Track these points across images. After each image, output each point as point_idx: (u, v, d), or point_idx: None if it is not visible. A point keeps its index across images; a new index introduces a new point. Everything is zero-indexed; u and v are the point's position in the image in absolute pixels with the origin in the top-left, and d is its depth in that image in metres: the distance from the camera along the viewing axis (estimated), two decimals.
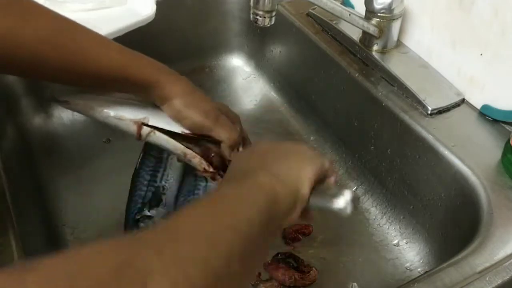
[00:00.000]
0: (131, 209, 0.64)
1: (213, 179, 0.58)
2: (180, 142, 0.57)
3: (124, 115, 0.56)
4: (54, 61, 0.48)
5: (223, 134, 0.57)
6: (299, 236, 0.68)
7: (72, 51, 0.49)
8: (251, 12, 0.62)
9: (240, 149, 0.59)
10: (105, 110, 0.56)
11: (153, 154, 0.69)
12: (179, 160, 0.63)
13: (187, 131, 0.57)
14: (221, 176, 0.58)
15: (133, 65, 0.53)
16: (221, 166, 0.58)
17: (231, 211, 0.38)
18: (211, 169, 0.58)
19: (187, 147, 0.57)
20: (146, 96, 0.55)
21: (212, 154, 0.58)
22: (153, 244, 0.31)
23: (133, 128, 0.56)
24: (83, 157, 0.78)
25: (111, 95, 0.58)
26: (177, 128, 0.57)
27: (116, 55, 0.52)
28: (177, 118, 0.56)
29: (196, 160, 0.58)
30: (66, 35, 0.50)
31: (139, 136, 0.57)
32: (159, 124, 0.57)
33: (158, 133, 0.57)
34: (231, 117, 0.60)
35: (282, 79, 0.91)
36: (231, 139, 0.58)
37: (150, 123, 0.56)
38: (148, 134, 0.57)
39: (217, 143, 0.58)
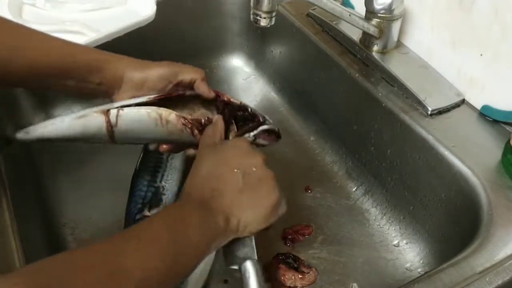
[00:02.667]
0: (131, 209, 0.64)
1: (194, 129, 0.56)
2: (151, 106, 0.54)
3: (87, 111, 0.53)
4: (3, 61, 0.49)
5: (191, 71, 0.58)
6: (299, 237, 0.68)
7: (20, 47, 0.50)
8: (251, 12, 0.62)
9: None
10: (66, 119, 0.53)
11: (153, 155, 0.69)
12: (159, 133, 0.56)
13: (153, 96, 0.55)
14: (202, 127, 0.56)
15: (81, 51, 0.54)
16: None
17: (183, 236, 0.42)
18: (189, 118, 0.56)
19: (158, 108, 0.54)
20: (98, 82, 0.54)
21: (200, 121, 0.57)
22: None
23: (100, 119, 0.52)
24: (83, 157, 0.78)
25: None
26: (142, 98, 0.55)
27: (63, 45, 0.54)
28: (138, 84, 0.55)
29: (173, 116, 0.54)
30: (5, 33, 0.51)
31: (109, 124, 0.53)
32: (124, 103, 0.54)
33: (126, 109, 0.53)
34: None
35: (282, 80, 0.91)
36: (199, 72, 0.58)
37: (115, 106, 0.53)
38: (117, 116, 0.53)
39: (191, 106, 0.57)
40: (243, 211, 0.46)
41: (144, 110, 0.54)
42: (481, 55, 0.62)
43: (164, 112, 0.54)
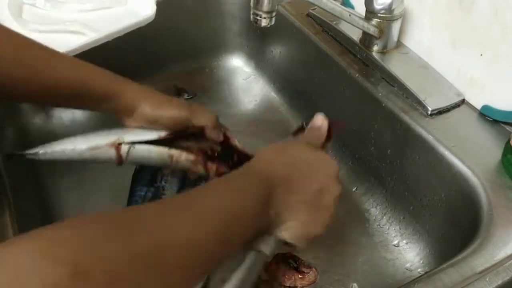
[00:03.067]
0: None
1: (206, 168, 0.57)
2: (162, 147, 0.56)
3: (98, 143, 0.55)
4: (12, 77, 0.48)
5: (202, 118, 0.57)
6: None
7: (30, 66, 0.50)
8: (251, 12, 0.62)
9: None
10: (77, 147, 0.55)
11: None
12: (167, 168, 0.62)
13: (164, 134, 0.56)
14: (214, 163, 0.58)
15: (94, 77, 0.53)
16: (216, 158, 0.59)
17: (233, 200, 0.40)
18: (199, 157, 0.57)
19: (170, 149, 0.56)
20: (110, 108, 0.54)
21: (206, 151, 0.58)
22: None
23: (111, 152, 0.54)
24: None
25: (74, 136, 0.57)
26: (154, 135, 0.56)
27: (74, 68, 0.52)
28: (150, 121, 0.55)
29: (183, 156, 0.56)
30: (25, 52, 0.50)
31: (119, 158, 0.55)
32: (135, 138, 0.55)
33: (137, 146, 0.55)
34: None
35: (282, 80, 0.91)
36: (212, 121, 0.57)
37: (126, 141, 0.55)
38: (128, 152, 0.55)
39: (198, 135, 0.57)
40: (293, 214, 0.44)
41: (155, 150, 0.56)
42: (481, 55, 0.62)
43: (175, 153, 0.56)
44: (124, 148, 0.54)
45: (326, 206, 0.46)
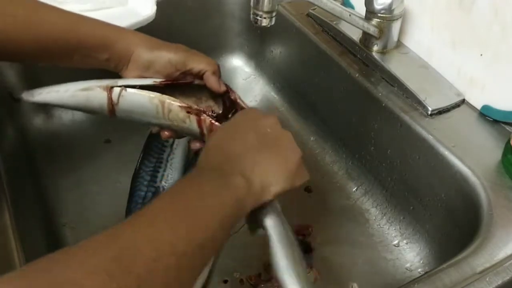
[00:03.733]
0: (131, 209, 0.64)
1: (199, 121, 0.53)
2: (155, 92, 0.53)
3: (91, 85, 0.53)
4: (1, 32, 0.47)
5: (201, 62, 0.54)
6: (298, 237, 0.68)
7: (20, 20, 0.49)
8: (251, 12, 0.61)
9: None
10: (70, 88, 0.53)
11: (153, 155, 0.69)
12: (159, 118, 0.56)
13: (159, 80, 0.54)
14: (208, 116, 0.54)
15: (86, 25, 0.52)
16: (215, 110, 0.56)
17: (198, 205, 0.37)
18: (194, 106, 0.54)
19: (162, 95, 0.53)
20: (105, 58, 0.53)
21: (204, 105, 0.56)
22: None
23: (103, 95, 0.53)
24: (83, 157, 0.78)
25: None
26: (149, 81, 0.54)
27: (65, 18, 0.52)
28: (145, 65, 0.53)
29: (176, 104, 0.53)
30: (12, 5, 0.49)
31: (111, 101, 0.53)
32: (129, 82, 0.54)
33: (129, 90, 0.53)
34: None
35: (282, 80, 0.91)
36: (212, 66, 0.54)
37: (119, 84, 0.53)
38: (119, 95, 0.52)
39: (198, 94, 0.55)
40: (264, 171, 0.42)
41: (147, 94, 0.53)
42: (481, 55, 0.62)
43: (167, 100, 0.53)
44: (115, 91, 0.53)
45: (276, 136, 0.45)
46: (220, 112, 0.57)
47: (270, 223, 0.42)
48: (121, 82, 0.53)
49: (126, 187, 0.66)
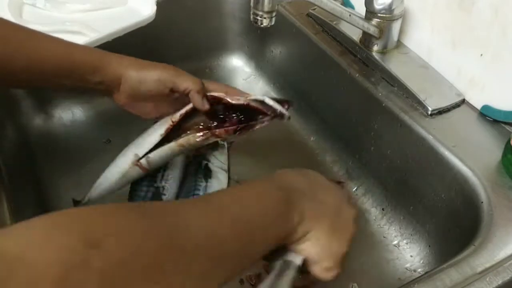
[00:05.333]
0: None
1: (216, 135, 0.61)
2: (169, 143, 0.61)
3: (123, 168, 0.62)
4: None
5: (186, 81, 0.57)
6: None
7: (12, 45, 0.50)
8: (251, 12, 0.61)
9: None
10: (112, 179, 0.63)
11: None
12: (188, 152, 0.69)
13: (163, 131, 0.60)
14: (215, 127, 0.61)
15: (78, 51, 0.54)
16: (209, 121, 0.62)
17: (256, 215, 0.39)
18: (204, 129, 0.61)
19: (177, 140, 0.61)
20: (98, 81, 0.55)
21: (200, 125, 0.62)
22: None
23: (136, 169, 0.62)
24: (83, 157, 0.78)
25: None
26: (156, 137, 0.61)
27: (63, 45, 0.53)
28: (136, 85, 0.56)
29: (191, 139, 0.61)
30: (6, 32, 0.51)
31: (145, 170, 0.62)
32: (144, 147, 0.61)
33: (151, 155, 0.61)
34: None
35: (282, 80, 0.91)
36: (196, 83, 0.58)
37: (140, 155, 0.61)
38: (148, 162, 0.62)
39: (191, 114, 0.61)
40: (318, 226, 0.43)
41: (166, 148, 0.61)
42: (481, 55, 0.62)
43: (184, 141, 0.61)
44: (143, 162, 0.61)
45: (346, 223, 0.46)
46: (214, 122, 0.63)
47: (277, 267, 0.44)
48: (139, 151, 0.61)
49: (126, 187, 0.66)
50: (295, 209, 0.42)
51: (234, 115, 0.61)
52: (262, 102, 0.60)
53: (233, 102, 0.60)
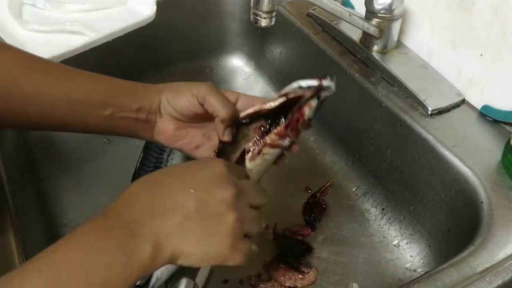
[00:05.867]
0: None
1: (266, 144, 0.51)
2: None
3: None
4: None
5: (217, 102, 0.49)
6: (298, 237, 0.68)
7: (55, 83, 0.48)
8: (251, 12, 0.61)
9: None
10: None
11: (153, 155, 0.69)
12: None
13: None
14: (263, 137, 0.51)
15: (117, 81, 0.51)
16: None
17: (95, 272, 0.35)
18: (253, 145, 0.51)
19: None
20: (138, 104, 0.50)
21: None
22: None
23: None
24: (83, 157, 0.78)
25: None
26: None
27: (100, 78, 0.51)
28: (173, 100, 0.51)
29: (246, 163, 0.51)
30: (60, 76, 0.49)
31: None
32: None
33: None
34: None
35: (282, 80, 0.91)
36: (226, 111, 0.49)
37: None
38: None
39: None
40: (184, 241, 0.37)
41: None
42: (481, 55, 0.62)
43: (260, 160, 0.51)
44: None
45: (219, 212, 0.39)
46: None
47: (181, 282, 0.43)
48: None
49: (126, 187, 0.66)
50: (143, 242, 0.36)
51: (278, 120, 0.52)
52: (299, 88, 0.51)
53: (273, 105, 0.51)
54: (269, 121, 0.52)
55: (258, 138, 0.51)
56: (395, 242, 0.68)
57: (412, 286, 0.46)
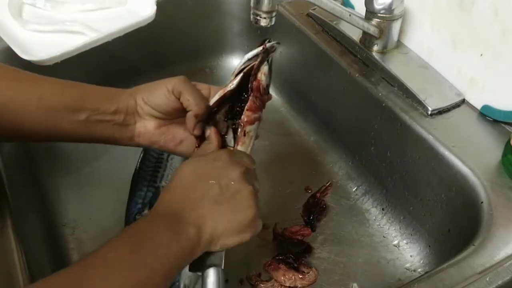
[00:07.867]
0: (131, 209, 0.64)
1: (242, 122, 0.53)
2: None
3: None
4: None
5: (191, 96, 0.51)
6: (298, 237, 0.68)
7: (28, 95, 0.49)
8: (251, 12, 0.61)
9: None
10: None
11: (153, 155, 0.69)
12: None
13: None
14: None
15: (90, 86, 0.52)
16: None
17: (148, 257, 0.40)
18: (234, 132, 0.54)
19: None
20: (114, 106, 0.51)
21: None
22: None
23: None
24: (83, 157, 0.78)
25: None
26: None
27: (73, 83, 0.52)
28: (149, 99, 0.52)
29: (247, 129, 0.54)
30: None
31: None
32: None
33: None
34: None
35: (282, 80, 0.91)
36: (199, 106, 0.51)
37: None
38: None
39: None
40: (216, 223, 0.44)
41: None
42: (481, 55, 0.62)
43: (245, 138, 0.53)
44: None
45: (236, 190, 0.46)
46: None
47: (210, 274, 0.45)
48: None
49: (126, 187, 0.66)
50: (189, 227, 0.42)
51: (243, 97, 0.54)
52: (248, 60, 0.53)
53: (234, 84, 0.53)
54: (237, 103, 0.54)
55: (235, 121, 0.54)
56: (395, 242, 0.68)
57: (412, 286, 0.46)
